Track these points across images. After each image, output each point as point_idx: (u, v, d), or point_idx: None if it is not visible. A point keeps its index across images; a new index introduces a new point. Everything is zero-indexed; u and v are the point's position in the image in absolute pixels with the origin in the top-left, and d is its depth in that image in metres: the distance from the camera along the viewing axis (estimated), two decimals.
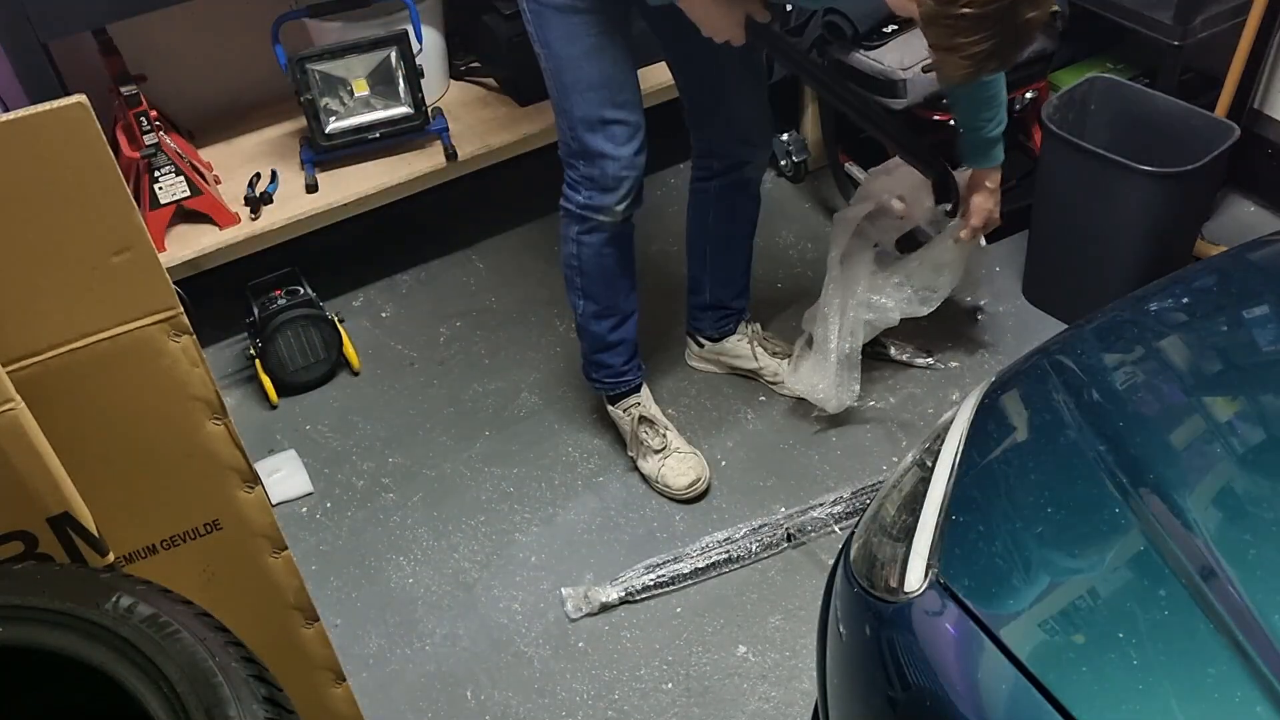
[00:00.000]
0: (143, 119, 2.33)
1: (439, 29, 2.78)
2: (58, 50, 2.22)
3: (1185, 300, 1.51)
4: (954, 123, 2.14)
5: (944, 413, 1.52)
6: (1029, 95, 2.65)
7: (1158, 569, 1.12)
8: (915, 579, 1.21)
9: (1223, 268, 1.56)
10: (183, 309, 1.16)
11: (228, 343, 2.66)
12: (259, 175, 2.60)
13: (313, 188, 2.57)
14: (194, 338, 1.18)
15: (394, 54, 2.55)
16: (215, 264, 2.47)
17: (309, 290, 2.54)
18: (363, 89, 2.58)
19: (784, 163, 2.99)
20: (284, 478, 2.34)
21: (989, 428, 1.35)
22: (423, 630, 2.08)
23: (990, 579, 1.19)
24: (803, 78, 2.56)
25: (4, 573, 1.04)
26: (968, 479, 1.29)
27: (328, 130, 2.57)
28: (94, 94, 1.17)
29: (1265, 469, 1.23)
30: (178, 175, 2.40)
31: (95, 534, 1.11)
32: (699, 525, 2.20)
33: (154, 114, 2.37)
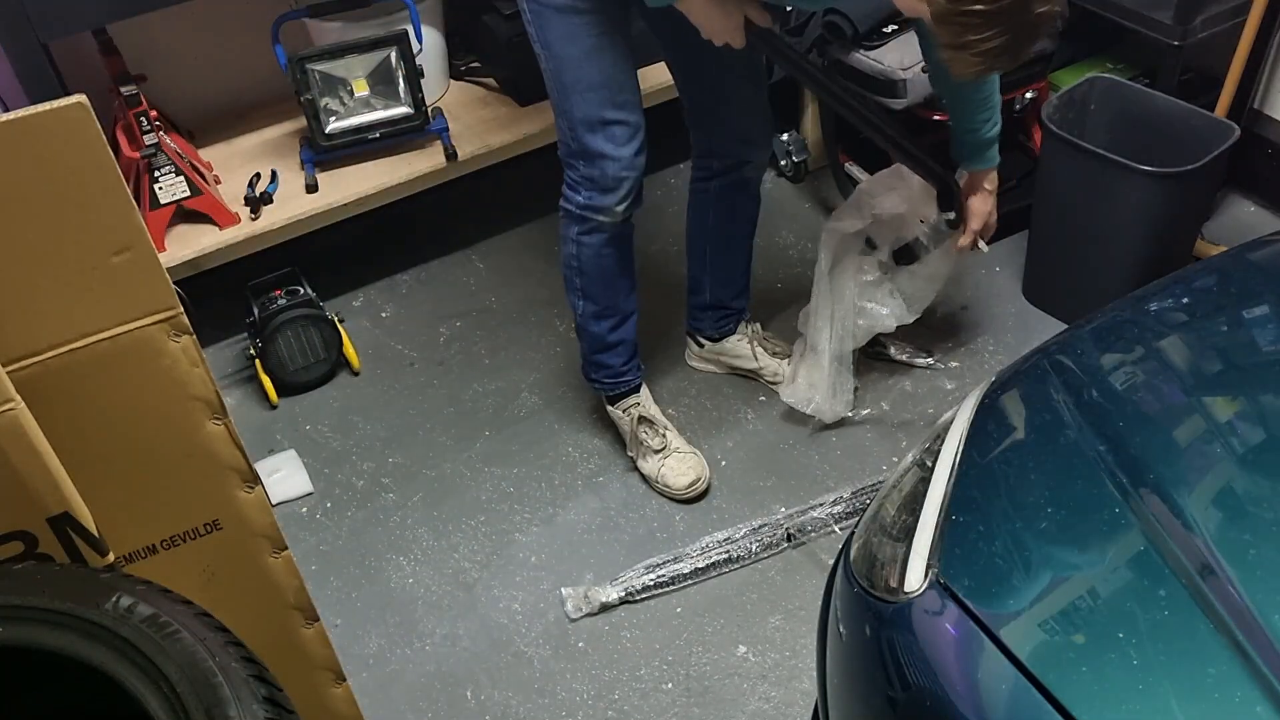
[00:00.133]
0: (143, 119, 2.33)
1: (439, 29, 2.78)
2: (58, 50, 2.22)
3: (1185, 300, 1.51)
4: (950, 124, 2.13)
5: (944, 413, 1.52)
6: (1029, 95, 2.65)
7: (1158, 569, 1.12)
8: (915, 579, 1.21)
9: (1223, 268, 1.56)
10: (183, 309, 1.16)
11: (228, 343, 2.66)
12: (259, 175, 2.60)
13: (313, 188, 2.57)
14: (194, 338, 1.18)
15: (394, 54, 2.55)
16: (215, 264, 2.47)
17: (309, 290, 2.54)
18: (363, 89, 2.58)
19: (784, 163, 2.99)
20: (284, 478, 2.34)
21: (989, 428, 1.35)
22: (423, 630, 2.08)
23: (990, 579, 1.19)
24: (803, 82, 2.55)
25: (4, 573, 1.04)
26: (968, 479, 1.29)
27: (328, 130, 2.57)
28: (94, 94, 1.17)
29: (1265, 469, 1.23)
30: (178, 175, 2.40)
31: (95, 534, 1.11)
32: (699, 525, 2.20)
33: (154, 114, 2.37)
